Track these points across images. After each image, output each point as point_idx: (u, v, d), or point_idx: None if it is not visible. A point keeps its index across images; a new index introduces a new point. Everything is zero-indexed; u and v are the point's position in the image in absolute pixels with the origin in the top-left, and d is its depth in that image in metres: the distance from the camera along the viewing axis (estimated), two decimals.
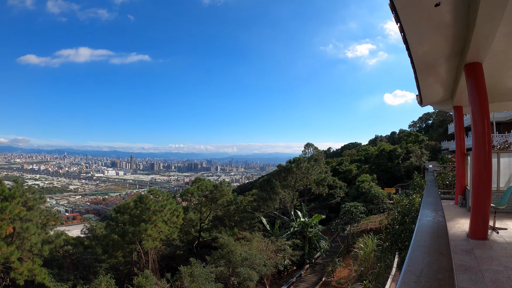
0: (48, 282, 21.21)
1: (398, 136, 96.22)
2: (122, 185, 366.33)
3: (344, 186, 57.99)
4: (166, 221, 28.70)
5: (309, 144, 60.34)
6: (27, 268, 20.13)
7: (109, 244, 28.40)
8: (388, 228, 23.28)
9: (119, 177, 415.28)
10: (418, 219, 4.66)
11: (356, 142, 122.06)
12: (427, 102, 14.09)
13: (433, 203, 6.23)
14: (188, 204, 36.40)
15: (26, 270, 19.99)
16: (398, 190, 49.80)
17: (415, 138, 75.09)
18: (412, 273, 2.58)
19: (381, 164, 67.40)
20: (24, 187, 26.73)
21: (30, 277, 20.37)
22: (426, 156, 64.31)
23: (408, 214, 18.26)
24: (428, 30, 7.03)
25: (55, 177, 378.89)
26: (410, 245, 3.36)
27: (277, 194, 42.46)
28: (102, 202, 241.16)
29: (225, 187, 34.73)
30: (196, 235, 35.27)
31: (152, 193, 29.86)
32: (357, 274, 24.36)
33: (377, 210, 43.68)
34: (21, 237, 20.97)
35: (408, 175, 58.48)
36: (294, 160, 44.37)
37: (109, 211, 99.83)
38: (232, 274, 24.89)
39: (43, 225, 27.74)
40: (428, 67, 9.52)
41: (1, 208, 19.40)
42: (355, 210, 35.04)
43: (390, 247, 19.72)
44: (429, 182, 11.69)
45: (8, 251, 19.16)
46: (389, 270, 18.57)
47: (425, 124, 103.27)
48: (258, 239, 30.38)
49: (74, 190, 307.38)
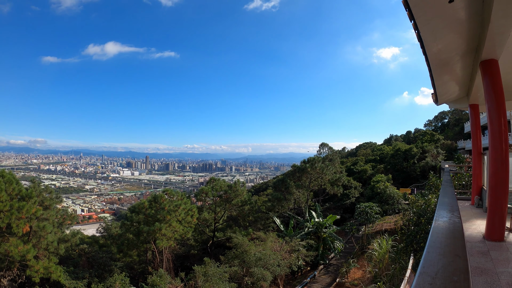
0: (63, 280, 21.44)
1: (414, 136, 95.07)
2: (137, 185, 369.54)
3: (359, 186, 57.54)
4: (181, 221, 28.81)
5: (323, 144, 60.28)
6: (43, 266, 20.38)
7: (124, 243, 28.64)
8: (403, 229, 23.06)
9: (134, 177, 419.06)
10: (433, 220, 4.58)
11: (371, 141, 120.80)
12: (442, 100, 13.89)
13: (449, 204, 6.13)
14: (203, 204, 36.51)
15: (42, 268, 20.24)
16: (413, 190, 49.33)
17: (431, 137, 74.25)
18: (427, 275, 2.54)
19: (396, 164, 66.73)
20: (41, 187, 27.10)
21: (45, 275, 20.62)
22: (442, 156, 63.53)
23: (423, 215, 18.06)
24: (443, 27, 6.93)
25: (71, 177, 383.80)
26: (426, 246, 3.30)
27: (292, 194, 42.32)
28: (118, 202, 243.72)
29: (239, 187, 34.77)
30: (211, 234, 35.38)
31: (167, 193, 30.01)
32: (371, 275, 24.15)
33: (392, 211, 43.25)
34: (38, 235, 21.24)
35: (424, 175, 57.85)
36: (309, 160, 44.18)
37: (124, 210, 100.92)
38: (246, 274, 24.88)
39: (60, 224, 28.10)
40: (443, 64, 9.37)
41: (18, 207, 19.67)
42: (370, 211, 34.69)
43: (405, 248, 19.53)
44: (445, 182, 11.52)
45: (24, 249, 19.43)
46: (404, 272, 18.35)
47: (441, 123, 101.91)
48: (272, 239, 30.34)
49: (90, 190, 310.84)
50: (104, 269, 26.73)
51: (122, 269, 26.77)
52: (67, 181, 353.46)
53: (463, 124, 71.40)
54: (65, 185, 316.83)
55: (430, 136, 74.97)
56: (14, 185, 21.15)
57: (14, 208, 19.51)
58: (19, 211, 19.59)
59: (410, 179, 62.81)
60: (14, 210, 19.43)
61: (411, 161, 65.18)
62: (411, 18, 6.11)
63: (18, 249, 19.18)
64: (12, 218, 19.31)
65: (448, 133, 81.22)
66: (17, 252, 19.13)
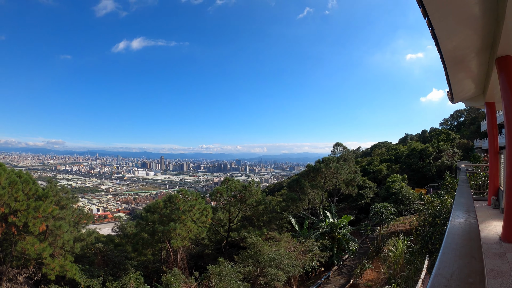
0: (78, 278, 21.71)
1: (429, 135, 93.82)
2: (152, 185, 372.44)
3: (374, 186, 57.12)
4: (195, 221, 28.95)
5: (338, 143, 59.96)
6: (59, 264, 20.67)
7: (139, 242, 28.85)
8: (418, 230, 22.76)
9: (149, 177, 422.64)
10: (449, 221, 4.51)
11: (386, 141, 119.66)
12: (458, 98, 13.72)
13: (465, 204, 6.05)
14: (217, 204, 36.57)
15: (57, 266, 20.53)
16: (429, 190, 48.76)
17: (447, 136, 73.45)
18: (442, 277, 2.50)
19: (411, 163, 66.07)
20: (57, 187, 27.50)
21: (61, 273, 20.91)
22: (458, 155, 62.81)
23: (439, 216, 17.84)
24: (457, 23, 6.82)
25: (87, 177, 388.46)
26: (441, 247, 3.25)
27: (306, 194, 42.15)
28: (133, 202, 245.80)
29: (254, 187, 34.73)
30: (225, 234, 35.43)
31: (182, 193, 30.14)
32: (386, 276, 23.94)
33: (408, 211, 42.88)
34: (54, 234, 21.54)
35: (440, 175, 57.27)
36: (323, 160, 43.96)
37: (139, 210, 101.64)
38: (259, 274, 24.89)
39: (75, 223, 28.52)
40: (458, 62, 9.24)
41: (35, 207, 19.96)
42: (385, 211, 34.41)
43: (420, 250, 19.31)
44: (461, 182, 11.38)
45: (40, 247, 19.72)
46: (418, 273, 18.14)
47: (457, 122, 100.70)
48: (287, 240, 30.30)
49: (105, 190, 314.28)
50: (119, 268, 27.02)
51: (137, 268, 27.05)
52: (83, 181, 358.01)
53: (479, 122, 70.42)
54: (81, 185, 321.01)
55: (446, 135, 74.18)
56: (31, 185, 21.47)
57: (30, 208, 19.82)
58: (35, 211, 19.89)
59: (426, 179, 62.18)
60: (30, 210, 19.73)
61: (426, 160, 64.50)
62: (425, 15, 6.04)
63: (35, 248, 19.48)
64: (29, 217, 19.60)
65: (464, 132, 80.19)
66: (33, 250, 19.43)
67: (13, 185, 19.95)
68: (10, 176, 20.80)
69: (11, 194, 19.75)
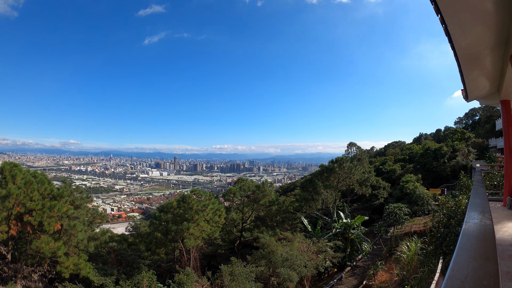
0: (92, 276, 21.95)
1: (444, 134, 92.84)
2: (166, 185, 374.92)
3: (387, 186, 56.77)
4: (208, 221, 29.07)
5: (352, 143, 59.61)
6: (73, 262, 20.95)
7: (152, 242, 29.07)
8: (432, 231, 22.52)
9: (163, 178, 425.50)
10: (464, 222, 4.44)
11: (400, 140, 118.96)
12: (472, 96, 13.53)
13: (480, 205, 5.96)
14: (231, 204, 36.61)
15: (71, 264, 20.81)
16: (443, 191, 48.23)
17: (461, 135, 72.62)
18: (456, 278, 2.45)
19: (426, 163, 65.43)
20: (72, 187, 27.88)
21: (75, 271, 21.18)
22: (473, 155, 62.02)
23: (454, 216, 17.65)
24: (470, 20, 6.74)
25: (102, 177, 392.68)
26: (455, 249, 3.20)
27: (319, 194, 41.98)
28: (147, 202, 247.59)
29: (267, 188, 34.69)
30: (238, 234, 35.49)
31: (195, 193, 30.25)
32: (399, 278, 23.74)
33: (422, 212, 42.48)
34: (68, 233, 21.81)
35: (454, 175, 56.63)
36: (337, 160, 43.73)
37: (153, 210, 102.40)
38: (272, 274, 24.87)
39: (90, 223, 28.84)
40: (472, 59, 9.12)
41: (50, 206, 20.22)
42: (399, 212, 34.06)
43: (434, 251, 19.11)
44: (476, 182, 11.24)
45: (55, 246, 19.98)
46: (432, 275, 17.98)
47: (472, 121, 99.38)
48: (300, 240, 30.21)
49: (119, 190, 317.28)
50: (132, 267, 27.24)
51: (150, 267, 27.21)
52: (97, 181, 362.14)
53: (494, 121, 69.40)
54: (96, 185, 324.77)
55: (461, 134, 73.34)
56: (46, 185, 21.77)
57: (46, 207, 20.08)
58: (50, 210, 20.15)
59: (440, 179, 61.53)
60: (45, 209, 19.99)
61: (441, 160, 63.87)
62: (437, 12, 5.97)
63: (49, 246, 19.75)
64: (44, 217, 19.87)
65: (479, 131, 79.16)
66: (48, 249, 19.70)
67: (28, 185, 20.26)
68: (26, 176, 21.12)
69: (26, 194, 20.05)
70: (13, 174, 20.91)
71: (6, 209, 19.68)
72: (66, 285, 20.56)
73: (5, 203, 19.26)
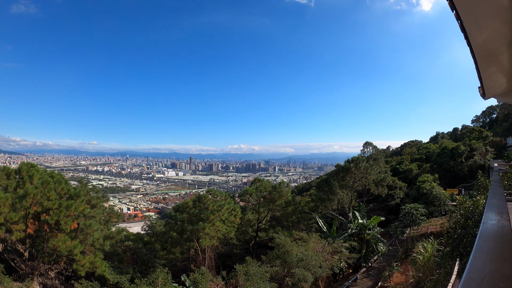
0: (107, 274, 22.21)
1: (461, 133, 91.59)
2: (182, 185, 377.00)
3: (404, 186, 56.27)
4: (224, 221, 29.13)
5: (367, 143, 59.20)
6: (89, 260, 21.22)
7: (168, 241, 29.30)
8: (449, 232, 22.25)
9: (179, 178, 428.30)
10: (481, 223, 4.37)
11: (416, 140, 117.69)
12: (490, 94, 13.30)
13: (498, 206, 5.85)
14: (246, 204, 36.61)
15: (87, 262, 21.09)
16: (461, 191, 47.65)
17: (479, 134, 71.44)
18: (472, 280, 2.42)
19: (443, 163, 64.56)
20: (89, 187, 28.23)
21: (91, 269, 21.48)
22: (490, 154, 61.04)
23: (471, 217, 17.42)
24: (486, 15, 6.62)
25: (118, 177, 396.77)
26: (472, 250, 3.16)
27: (335, 194, 41.81)
28: (162, 201, 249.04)
29: (283, 188, 34.55)
30: (253, 234, 35.51)
31: (211, 193, 30.34)
32: (414, 280, 23.42)
33: (439, 213, 41.90)
34: (85, 232, 22.08)
35: (472, 174, 55.79)
36: (353, 159, 43.48)
37: (168, 209, 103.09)
38: (287, 274, 24.83)
39: (106, 222, 29.15)
40: (489, 55, 8.97)
41: (67, 206, 20.49)
42: (415, 212, 33.56)
43: (451, 253, 18.88)
44: (494, 182, 11.06)
45: (71, 244, 20.26)
46: (448, 278, 17.69)
47: (489, 119, 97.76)
48: (315, 240, 30.11)
49: (135, 189, 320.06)
50: (147, 265, 27.46)
51: (165, 266, 27.35)
52: (114, 181, 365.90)
53: None
54: (112, 185, 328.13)
55: (478, 132, 72.16)
56: (63, 185, 22.09)
57: (62, 206, 20.35)
58: (67, 209, 20.42)
59: (458, 179, 60.62)
60: (62, 208, 20.27)
61: (458, 159, 62.96)
62: (452, 8, 5.88)
63: (66, 245, 20.02)
64: (61, 216, 20.15)
65: (496, 129, 77.82)
66: (64, 247, 19.98)
67: (45, 184, 20.56)
68: (43, 176, 21.46)
69: (43, 193, 20.36)
70: (30, 174, 21.30)
71: (23, 208, 20.02)
72: (82, 283, 20.81)
73: (22, 202, 19.60)
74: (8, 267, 21.15)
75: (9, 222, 19.67)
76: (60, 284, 22.22)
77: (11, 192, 20.27)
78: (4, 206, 19.04)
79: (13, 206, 19.51)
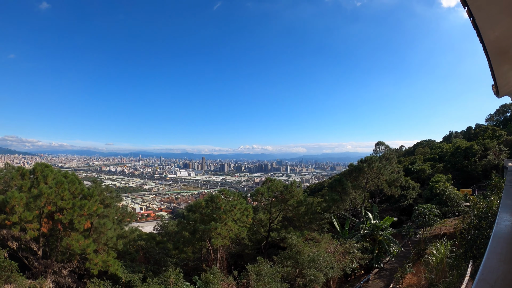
0: (120, 273, 22.46)
1: (475, 132, 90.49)
2: (194, 185, 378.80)
3: (417, 186, 55.88)
4: (236, 221, 29.23)
5: (380, 142, 58.75)
6: (102, 259, 21.54)
7: (180, 240, 29.46)
8: (463, 233, 22.00)
9: (191, 178, 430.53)
10: (495, 224, 4.35)
11: (429, 139, 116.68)
12: (503, 92, 13.15)
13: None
14: (258, 204, 36.65)
15: (100, 261, 21.41)
16: (474, 191, 47.10)
17: (492, 133, 70.66)
18: (485, 282, 2.42)
19: (456, 162, 63.91)
20: (102, 187, 28.57)
21: (104, 268, 21.82)
22: (505, 153, 60.29)
23: (485, 218, 17.23)
24: (499, 11, 6.55)
25: (131, 177, 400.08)
26: (486, 252, 3.15)
27: (348, 194, 41.60)
28: (175, 201, 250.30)
29: (295, 188, 34.49)
30: (265, 235, 35.50)
31: (223, 193, 30.40)
32: (427, 282, 23.15)
33: (452, 213, 41.49)
34: (98, 231, 22.41)
35: (486, 174, 55.15)
36: (366, 159, 43.27)
37: (181, 209, 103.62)
38: (298, 275, 24.75)
39: (119, 221, 29.49)
40: (502, 52, 8.87)
41: (80, 205, 20.79)
42: (428, 213, 33.16)
43: (464, 254, 18.69)
44: (508, 182, 10.97)
45: (85, 243, 20.58)
46: (461, 279, 17.46)
47: (503, 117, 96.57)
48: (327, 241, 29.98)
49: (148, 189, 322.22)
50: (159, 264, 27.69)
51: (177, 265, 27.52)
52: (126, 181, 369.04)
53: None
54: (125, 185, 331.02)
55: (492, 131, 71.36)
56: (77, 185, 22.41)
57: (76, 206, 20.68)
58: (81, 209, 20.73)
59: (471, 179, 59.97)
60: (76, 208, 20.59)
61: (472, 159, 62.27)
62: (464, 5, 5.84)
63: (79, 243, 20.35)
64: (74, 215, 20.47)
65: (511, 128, 76.73)
66: (77, 246, 20.31)
67: (59, 184, 20.87)
68: (57, 176, 21.77)
69: (57, 193, 20.68)
70: (44, 174, 21.60)
71: (38, 208, 20.38)
72: (95, 281, 21.01)
73: (37, 202, 19.94)
74: (22, 265, 21.47)
75: (23, 221, 20.03)
76: (72, 282, 22.51)
77: (25, 192, 20.61)
78: (18, 205, 19.39)
79: (27, 206, 19.85)
